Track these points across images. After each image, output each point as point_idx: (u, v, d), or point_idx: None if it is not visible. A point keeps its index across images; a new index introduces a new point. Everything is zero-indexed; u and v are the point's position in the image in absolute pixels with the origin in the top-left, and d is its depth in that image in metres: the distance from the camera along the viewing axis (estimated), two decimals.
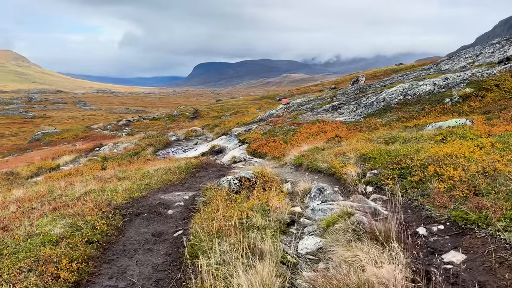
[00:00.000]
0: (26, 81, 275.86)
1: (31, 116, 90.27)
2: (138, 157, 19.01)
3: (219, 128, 26.77)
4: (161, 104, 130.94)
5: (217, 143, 17.56)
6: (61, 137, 56.21)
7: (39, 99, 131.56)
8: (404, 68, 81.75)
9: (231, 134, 18.64)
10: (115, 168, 14.37)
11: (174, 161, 12.74)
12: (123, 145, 31.07)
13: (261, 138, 15.45)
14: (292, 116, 17.66)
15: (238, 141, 17.05)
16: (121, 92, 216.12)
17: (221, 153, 16.51)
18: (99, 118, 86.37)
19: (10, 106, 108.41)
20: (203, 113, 66.28)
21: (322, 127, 14.32)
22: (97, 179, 9.19)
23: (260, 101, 77.94)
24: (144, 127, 59.38)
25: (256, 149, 14.21)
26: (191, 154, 18.24)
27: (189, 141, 23.90)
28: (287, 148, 12.49)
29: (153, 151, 20.06)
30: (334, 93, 19.84)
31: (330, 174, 7.49)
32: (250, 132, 17.19)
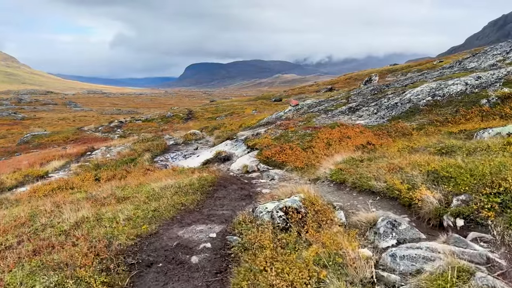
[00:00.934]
0: (16, 82, 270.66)
1: (20, 117, 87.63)
2: (135, 164, 17.18)
3: (220, 131, 24.99)
4: (152, 104, 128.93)
5: (223, 149, 15.81)
6: (51, 140, 54.02)
7: (29, 100, 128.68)
8: (400, 68, 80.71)
9: (236, 138, 16.90)
10: (111, 180, 12.58)
11: (179, 172, 11.00)
12: (116, 149, 29.15)
13: (274, 144, 13.75)
14: (304, 119, 16.00)
15: (246, 147, 15.32)
16: (112, 92, 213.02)
17: (228, 161, 14.77)
18: (90, 119, 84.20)
19: (0, 107, 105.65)
20: (197, 114, 64.39)
21: (344, 132, 12.69)
22: (90, 200, 7.44)
23: (256, 101, 76.23)
24: (137, 128, 57.39)
25: (270, 157, 12.50)
26: (193, 161, 16.48)
27: (189, 146, 22.10)
28: (309, 157, 10.85)
29: (150, 157, 18.25)
30: (347, 94, 18.23)
31: (390, 197, 5.85)
32: (259, 137, 15.47)
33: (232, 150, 15.66)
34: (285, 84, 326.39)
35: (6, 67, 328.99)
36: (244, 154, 14.80)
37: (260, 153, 13.58)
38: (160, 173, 11.38)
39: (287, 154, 12.17)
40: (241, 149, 15.40)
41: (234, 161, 14.58)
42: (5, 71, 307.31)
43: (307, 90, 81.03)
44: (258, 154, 13.73)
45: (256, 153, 14.06)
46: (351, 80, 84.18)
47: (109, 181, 13.14)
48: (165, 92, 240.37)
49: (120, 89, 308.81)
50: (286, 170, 10.60)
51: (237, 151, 15.33)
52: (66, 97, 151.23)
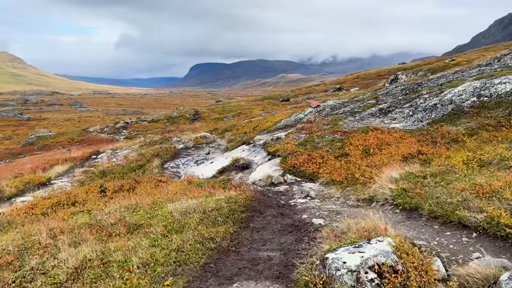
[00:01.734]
0: (22, 83, 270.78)
1: (26, 118, 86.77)
2: (144, 171, 15.72)
3: (231, 133, 23.48)
4: (158, 105, 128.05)
5: (240, 156, 14.28)
6: (56, 141, 52.84)
7: (35, 101, 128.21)
8: (409, 67, 78.95)
9: (254, 143, 15.37)
10: (118, 192, 11.12)
11: (197, 185, 9.49)
12: (123, 152, 27.75)
13: (299, 151, 12.21)
14: (329, 122, 14.45)
15: (266, 153, 13.78)
16: (118, 93, 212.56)
17: (246, 169, 13.25)
18: (95, 120, 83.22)
19: (5, 108, 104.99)
20: (204, 114, 62.92)
21: (380, 138, 11.13)
22: (94, 228, 5.98)
23: (262, 101, 74.67)
24: (143, 130, 56.11)
25: (297, 166, 10.96)
26: (207, 168, 14.97)
27: (200, 150, 20.61)
28: (348, 168, 9.34)
29: (160, 163, 16.77)
30: (374, 94, 16.65)
31: (494, 235, 4.34)
32: (280, 142, 13.93)
33: (250, 157, 14.14)
34: (290, 83, 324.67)
35: (13, 68, 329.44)
36: (264, 162, 13.27)
37: (284, 161, 12.05)
38: (174, 186, 9.88)
39: (318, 163, 10.63)
40: (260, 155, 13.87)
41: (254, 170, 13.06)
42: (12, 72, 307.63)
43: (314, 89, 79.40)
44: (281, 162, 12.19)
45: (279, 160, 12.53)
46: (359, 80, 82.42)
47: (116, 193, 11.68)
48: (170, 92, 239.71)
49: (125, 89, 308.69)
50: (321, 184, 9.07)
51: (256, 158, 13.80)
52: (72, 97, 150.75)
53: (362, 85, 71.68)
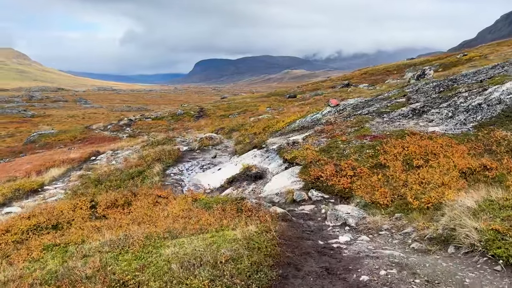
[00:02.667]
0: (28, 79, 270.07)
1: (30, 115, 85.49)
2: (143, 179, 13.95)
3: (239, 134, 21.63)
4: (162, 101, 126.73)
5: (251, 162, 12.44)
6: (58, 139, 51.32)
7: (40, 97, 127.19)
8: (419, 62, 76.53)
9: (267, 148, 13.52)
10: (110, 209, 9.37)
11: (204, 206, 7.69)
12: (123, 153, 26.06)
13: (322, 159, 10.36)
14: (353, 124, 12.56)
15: (282, 160, 11.92)
16: (123, 89, 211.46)
17: (260, 179, 11.42)
18: (100, 117, 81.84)
19: (10, 104, 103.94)
20: (209, 111, 61.13)
21: (422, 145, 9.22)
22: (63, 283, 4.21)
23: (268, 98, 72.71)
24: (147, 127, 54.50)
25: (322, 178, 9.12)
26: (214, 177, 13.16)
27: (206, 153, 18.79)
28: (392, 186, 7.49)
29: (161, 169, 14.97)
30: (401, 91, 14.71)
31: None
32: (298, 148, 12.08)
33: (263, 165, 12.30)
34: (295, 79, 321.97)
35: (18, 64, 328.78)
36: (280, 171, 11.43)
37: (306, 172, 10.21)
38: (176, 206, 8.08)
39: (348, 175, 8.79)
40: (275, 163, 12.02)
41: (268, 180, 11.23)
42: (17, 68, 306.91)
43: (321, 86, 77.30)
44: (302, 173, 10.35)
45: (299, 170, 10.69)
46: (367, 75, 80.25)
47: (108, 209, 9.90)
48: (175, 88, 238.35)
49: (130, 85, 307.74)
50: (358, 206, 7.22)
51: (271, 166, 11.96)
52: (77, 94, 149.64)
53: (370, 81, 69.58)
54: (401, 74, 67.58)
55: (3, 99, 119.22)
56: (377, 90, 18.16)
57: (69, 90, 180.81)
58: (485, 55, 56.49)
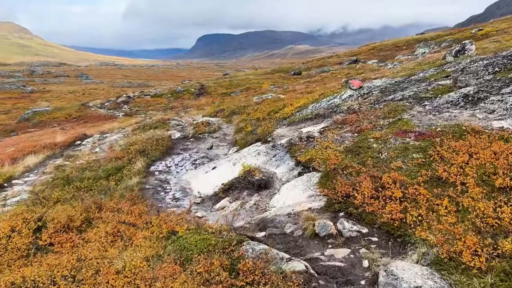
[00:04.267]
0: (29, 54, 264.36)
1: (29, 90, 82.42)
2: (120, 180, 11.11)
3: (241, 119, 18.62)
4: (164, 76, 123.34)
5: (254, 163, 9.55)
6: (52, 117, 48.55)
7: (41, 72, 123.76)
8: (429, 38, 72.24)
9: (273, 142, 10.60)
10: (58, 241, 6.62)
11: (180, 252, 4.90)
12: (112, 137, 23.28)
13: (351, 165, 7.47)
14: (384, 113, 9.58)
15: (293, 162, 9.02)
16: (125, 64, 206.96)
17: (265, 189, 8.55)
18: (100, 93, 78.86)
19: (11, 79, 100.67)
20: (210, 89, 57.84)
21: (497, 150, 6.29)
22: None
23: (272, 75, 69.06)
24: (145, 105, 51.50)
25: (355, 201, 6.26)
26: (207, 179, 10.31)
27: (201, 142, 15.88)
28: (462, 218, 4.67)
29: (145, 165, 12.10)
30: (441, 70, 11.64)
31: None
32: (315, 145, 9.16)
33: (269, 167, 9.39)
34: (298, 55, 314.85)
35: (19, 38, 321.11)
36: (292, 178, 8.54)
37: (328, 184, 7.33)
38: (140, 249, 5.26)
39: (396, 198, 5.91)
40: (285, 165, 9.12)
41: (276, 191, 8.36)
42: (18, 42, 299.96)
43: (328, 62, 73.42)
44: (322, 184, 7.47)
45: (317, 179, 7.80)
46: (375, 51, 76.34)
47: (57, 234, 7.11)
48: (177, 64, 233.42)
49: (132, 61, 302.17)
50: (425, 261, 4.35)
51: (279, 170, 9.07)
52: (79, 69, 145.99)
53: (379, 57, 65.82)
54: (411, 49, 63.72)
55: (4, 74, 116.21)
56: (404, 68, 15.00)
57: (71, 65, 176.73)
58: (502, 30, 52.59)
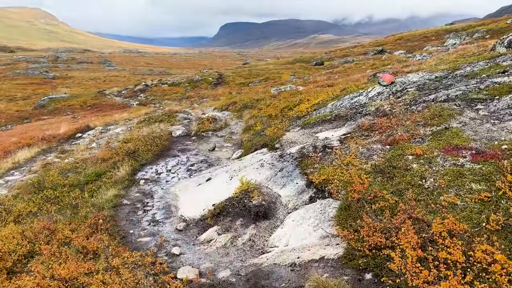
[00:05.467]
0: (55, 40, 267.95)
1: (51, 76, 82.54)
2: (95, 191, 9.22)
3: (251, 115, 16.49)
4: (186, 65, 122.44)
5: (254, 179, 7.45)
6: (68, 104, 47.81)
7: (66, 58, 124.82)
8: (460, 28, 67.84)
9: (282, 150, 8.47)
10: None
11: None
12: (116, 129, 21.65)
13: (381, 196, 5.27)
14: (425, 118, 7.30)
15: (304, 181, 6.88)
16: (148, 52, 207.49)
17: (264, 219, 6.47)
18: (121, 80, 78.42)
19: (35, 65, 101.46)
20: (228, 79, 55.90)
21: None
22: None
23: (293, 65, 66.42)
24: (161, 94, 50.13)
25: (390, 264, 4.10)
26: (197, 195, 8.29)
27: (203, 141, 13.86)
28: None
29: (130, 171, 10.18)
30: (494, 64, 9.19)
31: None
32: (333, 158, 6.99)
33: (273, 186, 7.26)
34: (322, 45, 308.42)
35: (46, 24, 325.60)
36: (301, 204, 6.41)
37: (350, 223, 5.19)
38: None
39: (453, 263, 3.74)
40: (293, 185, 6.97)
41: (279, 223, 6.24)
42: (45, 28, 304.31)
43: (351, 52, 70.10)
44: (341, 222, 5.32)
45: (335, 212, 5.66)
46: (402, 41, 72.62)
47: None
48: (199, 52, 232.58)
49: (155, 48, 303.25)
50: None
51: (285, 192, 6.93)
52: (103, 55, 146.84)
53: (406, 48, 62.26)
54: (440, 40, 60.01)
55: (29, 59, 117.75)
56: (444, 60, 12.46)
57: (95, 51, 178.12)
58: None
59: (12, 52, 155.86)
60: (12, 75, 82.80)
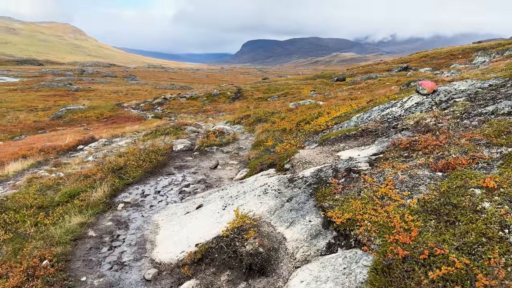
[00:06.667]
0: (82, 54, 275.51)
1: (74, 88, 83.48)
2: (61, 217, 7.42)
3: (264, 128, 14.61)
4: (208, 80, 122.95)
5: (254, 211, 5.50)
6: (84, 116, 47.22)
7: (91, 72, 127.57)
8: (489, 46, 64.91)
9: (293, 172, 6.52)
10: None
11: None
12: (119, 142, 20.15)
13: (444, 257, 3.22)
14: (485, 136, 5.28)
15: (320, 218, 4.87)
16: (171, 67, 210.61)
17: (260, 276, 4.51)
18: (142, 93, 78.58)
19: (61, 77, 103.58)
20: (246, 93, 54.58)
21: None
22: None
23: (314, 81, 64.65)
24: (178, 107, 49.21)
25: None
26: (179, 230, 6.37)
27: (205, 158, 12.00)
28: None
29: (109, 193, 8.38)
30: None
31: None
32: (360, 191, 4.91)
33: (277, 222, 5.27)
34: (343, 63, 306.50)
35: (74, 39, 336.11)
36: (314, 256, 4.40)
37: None
38: None
39: None
40: (304, 224, 4.97)
41: (281, 285, 4.22)
42: (74, 43, 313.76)
43: (375, 69, 67.91)
44: None
45: (366, 275, 3.60)
46: (428, 59, 70.20)
47: None
48: (221, 68, 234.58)
49: (178, 64, 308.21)
50: None
51: (293, 233, 4.93)
52: (127, 70, 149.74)
53: (432, 65, 59.78)
54: (468, 58, 57.28)
55: (56, 72, 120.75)
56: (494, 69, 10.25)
57: (120, 66, 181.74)
58: None
59: (41, 65, 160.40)
60: (37, 86, 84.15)
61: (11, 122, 46.64)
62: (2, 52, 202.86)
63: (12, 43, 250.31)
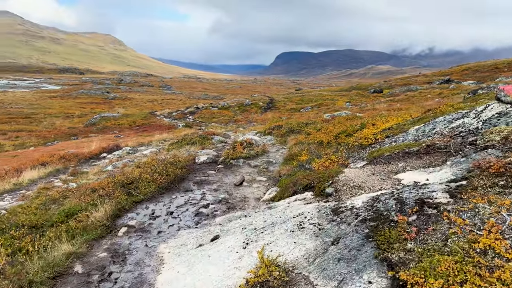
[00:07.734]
0: (121, 64, 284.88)
1: (111, 97, 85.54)
2: (53, 240, 6.09)
3: (297, 140, 12.93)
4: (241, 91, 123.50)
5: (282, 257, 3.91)
6: (117, 123, 47.39)
7: (129, 81, 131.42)
8: None
9: (338, 199, 4.82)
10: None
11: None
12: (145, 151, 19.08)
13: None
14: None
15: (383, 274, 3.13)
16: (206, 78, 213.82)
17: None
18: (176, 103, 79.44)
19: (99, 86, 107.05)
20: (278, 104, 53.18)
21: None
22: None
23: (349, 92, 62.38)
24: (209, 117, 48.50)
25: None
26: (185, 271, 4.76)
27: (230, 172, 10.50)
28: None
29: (112, 213, 7.02)
30: None
31: None
32: (444, 235, 3.14)
33: (318, 277, 3.61)
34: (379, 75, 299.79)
35: (114, 49, 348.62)
36: None
37: None
38: None
39: None
40: (359, 285, 3.23)
41: None
42: (114, 53, 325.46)
43: (414, 81, 64.80)
44: None
45: None
46: (470, 72, 66.29)
47: None
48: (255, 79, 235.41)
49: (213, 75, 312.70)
50: None
51: None
52: (164, 80, 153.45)
53: (475, 78, 56.14)
54: None
55: (95, 80, 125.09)
56: None
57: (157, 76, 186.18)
58: None
59: (82, 73, 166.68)
60: (76, 94, 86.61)
61: (46, 128, 47.42)
62: (45, 60, 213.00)
63: (55, 52, 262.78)
